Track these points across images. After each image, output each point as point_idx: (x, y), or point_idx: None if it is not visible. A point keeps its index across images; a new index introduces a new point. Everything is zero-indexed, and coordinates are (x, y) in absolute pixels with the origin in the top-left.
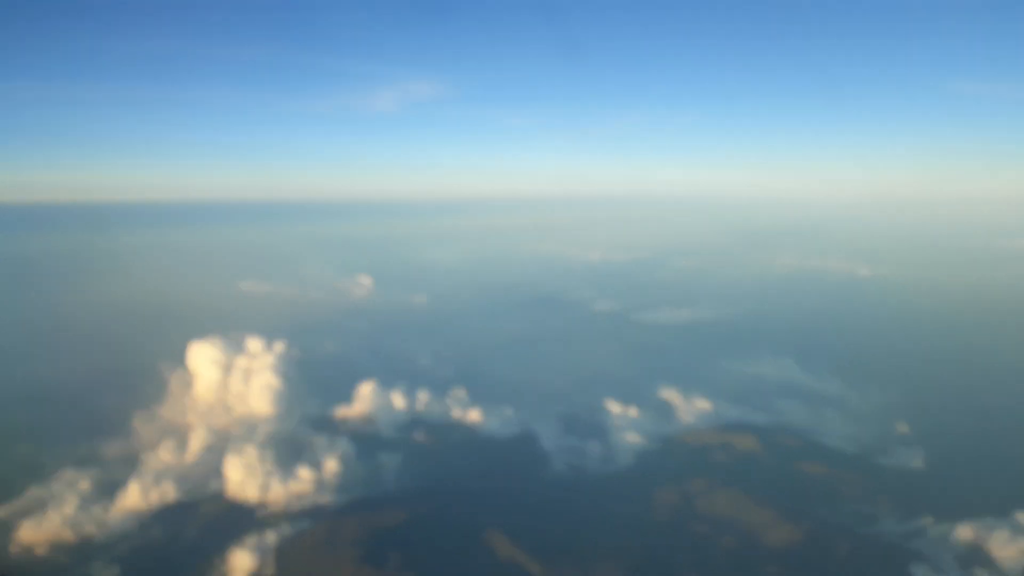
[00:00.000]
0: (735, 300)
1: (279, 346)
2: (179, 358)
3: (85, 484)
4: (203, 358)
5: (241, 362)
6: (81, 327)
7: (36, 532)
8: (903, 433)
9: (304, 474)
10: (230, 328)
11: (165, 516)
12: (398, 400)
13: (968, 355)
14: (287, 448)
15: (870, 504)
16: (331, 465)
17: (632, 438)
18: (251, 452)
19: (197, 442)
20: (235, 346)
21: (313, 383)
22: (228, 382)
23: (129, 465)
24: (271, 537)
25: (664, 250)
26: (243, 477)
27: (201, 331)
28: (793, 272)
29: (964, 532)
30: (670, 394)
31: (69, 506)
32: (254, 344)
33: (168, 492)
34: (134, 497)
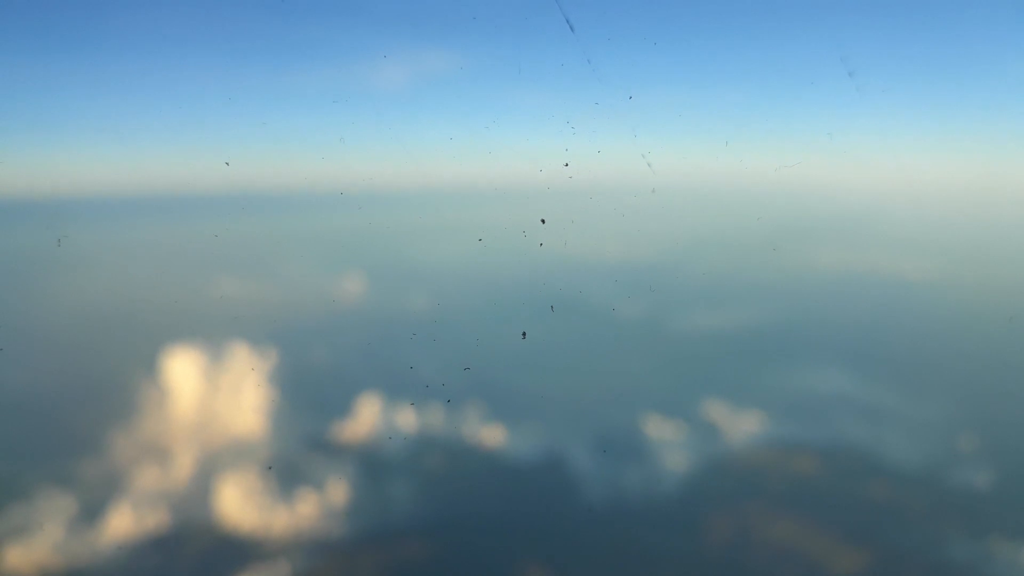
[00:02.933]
0: (774, 303)
1: (267, 354)
2: (151, 367)
3: (68, 506)
4: (182, 368)
5: (225, 372)
6: (48, 333)
7: (25, 556)
8: (969, 449)
9: (308, 501)
10: (208, 334)
11: (159, 545)
12: (406, 417)
13: None
14: (285, 471)
15: (938, 526)
16: (337, 491)
17: (676, 460)
18: (247, 476)
19: (184, 463)
20: (218, 353)
21: (306, 396)
22: (211, 395)
23: (110, 485)
24: (279, 571)
25: (691, 245)
26: (240, 504)
27: (174, 337)
28: (837, 271)
29: None
30: (715, 410)
31: (55, 531)
32: (240, 351)
33: (158, 518)
34: (122, 522)
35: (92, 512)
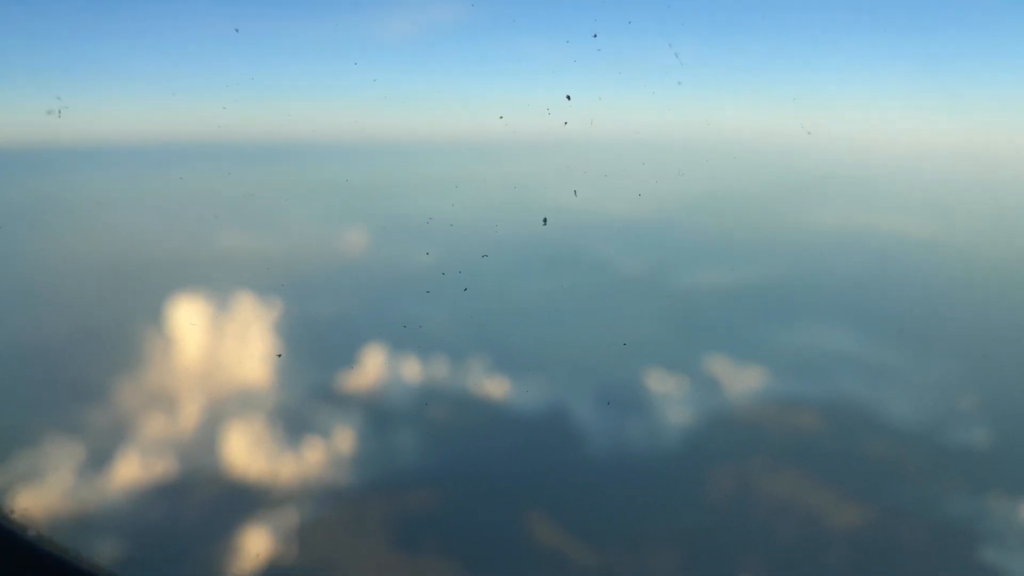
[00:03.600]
0: (778, 260)
1: (272, 304)
2: (156, 318)
3: (76, 453)
4: (186, 317)
5: (230, 322)
6: (51, 284)
7: (35, 501)
8: (968, 408)
9: (315, 450)
10: (210, 284)
11: (167, 492)
12: (411, 368)
13: None
14: (292, 421)
15: (937, 483)
16: (343, 441)
17: (679, 414)
18: (254, 425)
19: (190, 412)
20: (222, 304)
21: (311, 347)
22: (217, 345)
23: (116, 434)
24: (287, 519)
25: (696, 202)
26: (248, 452)
27: (179, 288)
28: (840, 229)
29: None
30: (717, 365)
31: (64, 477)
32: (244, 302)
33: (166, 466)
34: (130, 470)
35: (100, 459)
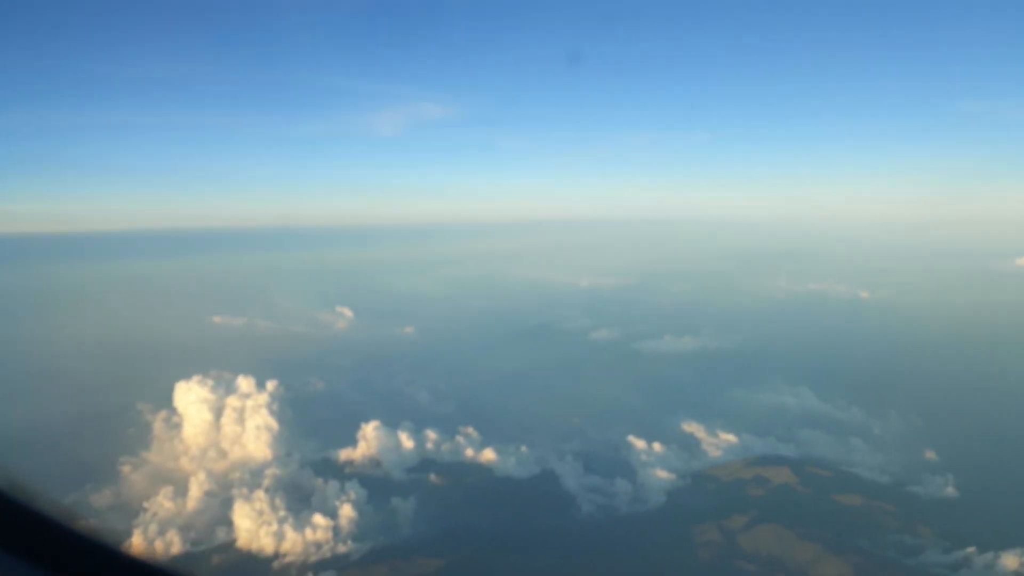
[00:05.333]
0: (737, 326)
1: (270, 385)
2: (158, 398)
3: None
4: (191, 399)
5: (232, 402)
6: (55, 365)
7: None
8: (931, 460)
9: (320, 521)
10: (207, 366)
11: (177, 567)
12: (405, 440)
13: (978, 378)
14: (295, 494)
15: (912, 535)
16: (346, 511)
17: (660, 475)
18: (260, 498)
19: (197, 488)
20: (223, 385)
21: (307, 423)
22: (220, 424)
23: (123, 514)
24: None
25: (657, 274)
26: (254, 525)
27: (177, 369)
28: (793, 296)
29: (1010, 561)
30: (692, 427)
31: None
32: (244, 383)
33: (174, 541)
34: (138, 547)
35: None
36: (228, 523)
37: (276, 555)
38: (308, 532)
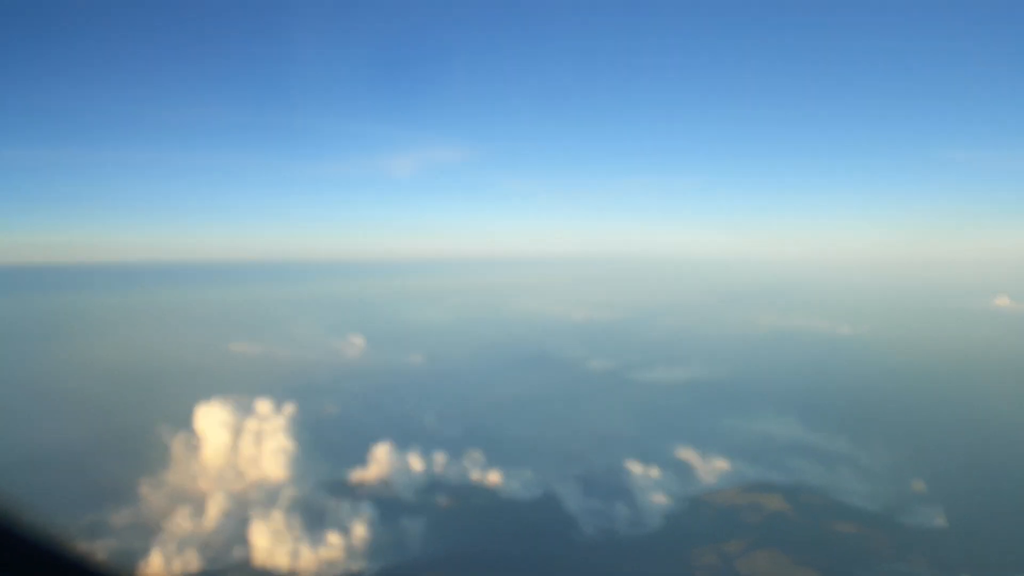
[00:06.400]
0: (726, 358)
1: (287, 408)
2: (177, 421)
3: (103, 553)
4: (211, 421)
5: (250, 425)
6: (77, 390)
7: None
8: (919, 491)
9: (333, 540)
10: (226, 390)
11: None
12: (415, 463)
13: (960, 410)
14: (309, 513)
15: (905, 563)
16: (358, 530)
17: (658, 499)
18: (277, 518)
19: (215, 508)
20: (242, 408)
21: (321, 446)
22: (238, 445)
23: (141, 534)
24: None
25: (648, 309)
26: (270, 544)
27: (196, 393)
28: (777, 330)
29: None
30: (687, 454)
31: None
32: (262, 406)
33: (192, 561)
34: (157, 567)
35: (128, 558)
36: (245, 542)
37: (291, 573)
38: (322, 551)
